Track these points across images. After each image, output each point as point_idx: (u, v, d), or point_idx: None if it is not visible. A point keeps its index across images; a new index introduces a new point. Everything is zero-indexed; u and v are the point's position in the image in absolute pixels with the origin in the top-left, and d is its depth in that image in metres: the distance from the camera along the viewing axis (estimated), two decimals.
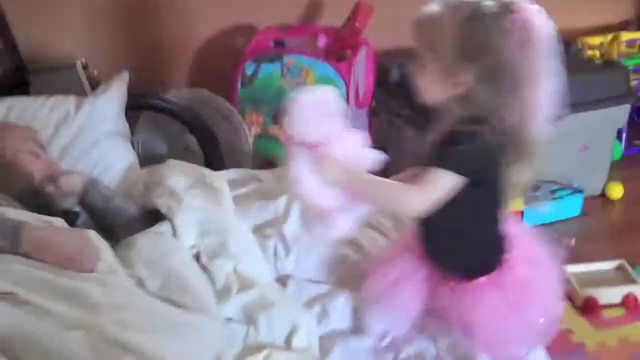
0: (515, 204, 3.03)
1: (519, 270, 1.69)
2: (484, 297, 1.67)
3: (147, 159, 2.71)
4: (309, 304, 1.90)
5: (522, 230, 1.80)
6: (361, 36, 3.07)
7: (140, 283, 1.73)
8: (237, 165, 2.70)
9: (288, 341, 1.75)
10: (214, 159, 2.71)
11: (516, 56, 1.47)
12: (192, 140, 2.84)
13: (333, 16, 3.25)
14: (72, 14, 3.11)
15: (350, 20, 3.06)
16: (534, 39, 1.47)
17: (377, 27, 3.14)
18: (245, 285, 1.83)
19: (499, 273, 1.70)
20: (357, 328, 1.84)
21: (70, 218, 1.98)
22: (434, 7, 1.54)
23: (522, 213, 3.06)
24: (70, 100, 2.34)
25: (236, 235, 1.97)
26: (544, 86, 1.50)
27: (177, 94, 2.93)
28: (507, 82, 1.50)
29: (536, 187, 3.20)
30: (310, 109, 1.60)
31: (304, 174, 1.61)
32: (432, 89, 1.59)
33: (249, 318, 1.78)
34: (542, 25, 1.48)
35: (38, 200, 1.95)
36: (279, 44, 3.17)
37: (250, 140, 3.00)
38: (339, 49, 3.06)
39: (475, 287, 1.69)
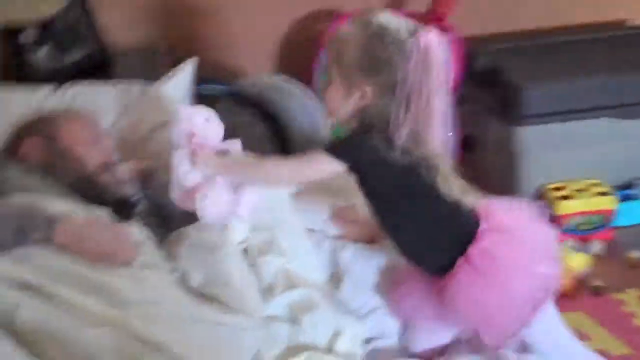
0: (606, 202, 2.87)
1: (485, 242, 1.71)
2: (459, 280, 1.71)
3: None
4: (361, 313, 1.86)
5: (495, 205, 1.82)
6: (445, 22, 2.94)
7: (184, 277, 1.70)
8: None
9: (331, 344, 1.70)
10: (285, 148, 2.66)
11: (412, 76, 1.63)
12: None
13: (419, 1, 3.13)
14: (153, 3, 3.13)
15: (434, 4, 2.95)
16: (430, 63, 1.63)
17: (464, 12, 3.01)
18: (292, 284, 1.78)
19: (470, 251, 1.72)
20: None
21: (128, 206, 1.97)
22: (349, 25, 1.75)
23: (613, 211, 2.89)
24: (135, 88, 2.35)
25: (288, 231, 1.92)
26: (437, 106, 1.67)
27: (253, 81, 2.89)
28: (401, 99, 1.64)
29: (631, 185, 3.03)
30: (194, 114, 1.87)
31: (182, 163, 1.81)
32: (337, 101, 1.76)
33: (294, 318, 1.74)
34: (439, 50, 1.65)
35: (91, 188, 1.94)
36: None
37: (329, 128, 2.93)
38: None
39: (452, 274, 1.72)
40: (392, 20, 1.70)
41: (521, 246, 1.73)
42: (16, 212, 1.56)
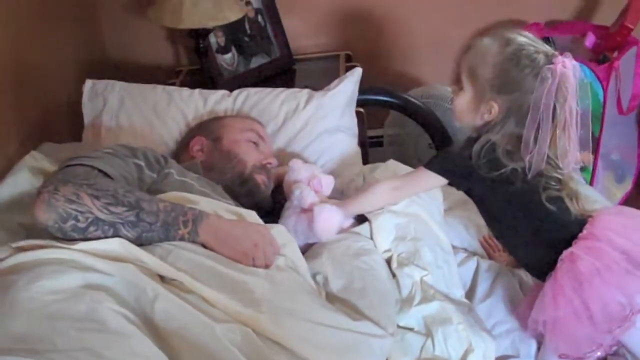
0: None
1: (573, 249, 1.70)
2: (547, 283, 1.73)
3: (395, 154, 2.73)
4: (497, 332, 1.86)
5: (609, 213, 1.80)
6: (631, 36, 2.81)
7: (325, 281, 1.73)
8: None
9: None
10: None
11: (546, 101, 1.64)
12: None
13: (608, 14, 3.01)
14: (336, 11, 3.19)
15: (620, 18, 2.82)
16: (565, 90, 1.64)
17: None
18: (429, 297, 1.78)
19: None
20: None
21: (275, 209, 2.04)
22: (487, 40, 1.76)
23: None
24: (303, 94, 2.40)
25: (433, 244, 1.92)
26: (571, 133, 1.68)
27: (422, 92, 2.90)
28: (533, 122, 1.66)
29: None
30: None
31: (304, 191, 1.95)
32: (465, 112, 1.81)
33: (428, 330, 1.74)
34: (574, 78, 1.65)
35: (246, 188, 2.04)
36: (546, 40, 2.99)
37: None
38: (606, 49, 2.83)
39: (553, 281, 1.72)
40: (530, 43, 1.72)
41: (610, 255, 1.66)
42: (166, 208, 1.60)
